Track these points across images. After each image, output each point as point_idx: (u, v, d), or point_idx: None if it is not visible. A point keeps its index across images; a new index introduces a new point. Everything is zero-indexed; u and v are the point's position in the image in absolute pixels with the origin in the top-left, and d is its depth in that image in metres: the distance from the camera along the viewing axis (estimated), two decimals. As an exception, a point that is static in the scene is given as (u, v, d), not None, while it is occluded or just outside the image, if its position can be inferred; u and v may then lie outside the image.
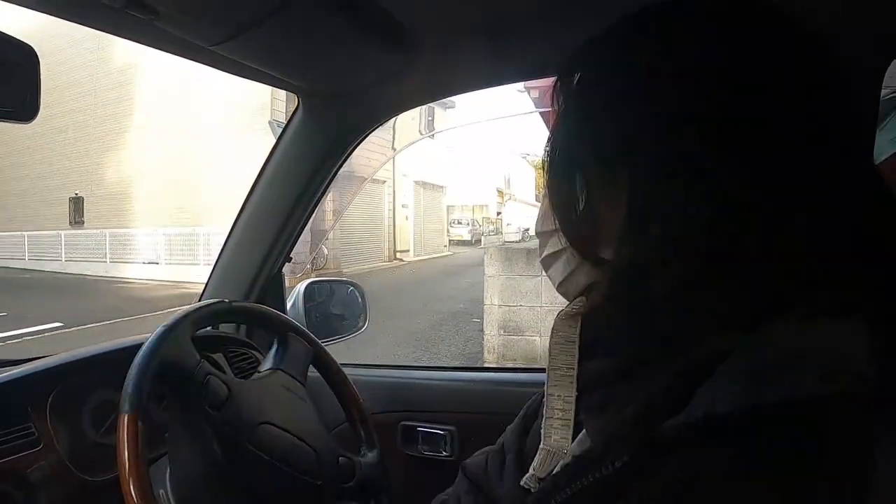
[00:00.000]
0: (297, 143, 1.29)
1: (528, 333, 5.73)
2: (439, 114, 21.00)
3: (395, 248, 19.65)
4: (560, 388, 0.52)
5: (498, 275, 5.76)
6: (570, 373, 0.52)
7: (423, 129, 19.22)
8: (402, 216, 20.03)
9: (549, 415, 0.53)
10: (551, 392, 0.53)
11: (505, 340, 5.77)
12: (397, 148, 16.29)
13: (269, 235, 1.33)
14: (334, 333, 1.49)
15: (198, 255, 14.53)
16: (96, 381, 1.02)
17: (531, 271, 5.65)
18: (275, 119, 13.80)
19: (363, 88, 1.17)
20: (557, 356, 0.52)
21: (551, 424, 0.53)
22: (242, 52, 0.96)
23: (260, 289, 1.36)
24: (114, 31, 0.91)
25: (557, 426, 0.53)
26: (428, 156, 20.79)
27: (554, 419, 0.53)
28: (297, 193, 1.29)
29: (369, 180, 16.71)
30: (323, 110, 1.25)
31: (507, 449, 0.70)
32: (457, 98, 20.28)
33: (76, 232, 17.18)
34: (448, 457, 1.24)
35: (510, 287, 5.73)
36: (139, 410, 0.81)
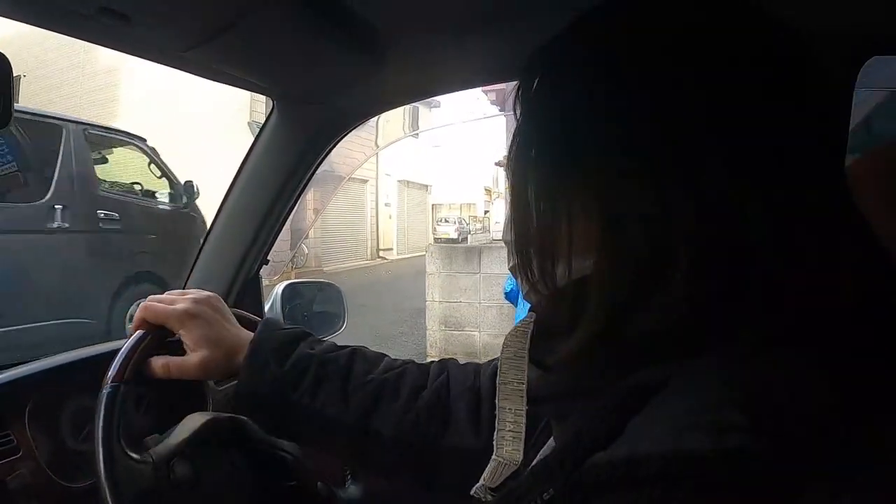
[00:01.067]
0: (272, 146, 1.29)
1: (468, 328, 5.97)
2: (424, 113, 20.99)
3: (378, 247, 19.63)
4: (510, 401, 0.52)
5: (438, 272, 5.98)
6: (521, 387, 0.51)
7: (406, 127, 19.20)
8: (385, 215, 20.01)
9: (500, 427, 0.53)
10: (503, 405, 0.53)
11: (446, 335, 6.01)
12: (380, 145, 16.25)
13: (245, 238, 1.33)
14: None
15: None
16: (74, 388, 1.02)
17: (470, 269, 5.87)
18: (254, 120, 13.93)
19: (336, 91, 1.17)
20: (508, 371, 0.52)
21: (503, 436, 0.53)
22: (214, 56, 0.97)
23: (238, 292, 1.36)
24: (87, 38, 0.91)
25: (509, 438, 0.53)
26: (412, 155, 20.78)
27: (505, 431, 0.53)
28: (272, 197, 1.29)
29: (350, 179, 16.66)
30: (297, 113, 1.25)
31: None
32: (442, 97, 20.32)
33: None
34: None
35: (450, 284, 5.96)
36: (123, 382, 0.83)
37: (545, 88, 0.49)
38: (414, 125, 20.07)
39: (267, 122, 1.27)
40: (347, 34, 0.96)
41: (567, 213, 0.45)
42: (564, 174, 0.45)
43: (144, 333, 0.88)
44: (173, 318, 0.87)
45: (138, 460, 0.82)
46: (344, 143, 1.33)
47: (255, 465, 0.92)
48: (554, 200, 0.46)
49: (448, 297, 5.98)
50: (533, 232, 0.47)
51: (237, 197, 1.32)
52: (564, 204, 0.45)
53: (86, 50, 15.73)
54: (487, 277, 5.87)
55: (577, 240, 0.44)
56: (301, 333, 0.89)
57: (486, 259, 5.98)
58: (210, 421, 0.91)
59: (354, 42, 0.98)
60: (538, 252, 0.47)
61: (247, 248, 1.33)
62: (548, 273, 0.47)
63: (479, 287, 5.88)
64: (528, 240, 0.48)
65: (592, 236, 0.43)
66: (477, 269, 5.89)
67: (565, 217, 0.45)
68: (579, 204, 0.44)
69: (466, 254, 6.05)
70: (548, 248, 0.46)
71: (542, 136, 0.48)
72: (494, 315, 5.90)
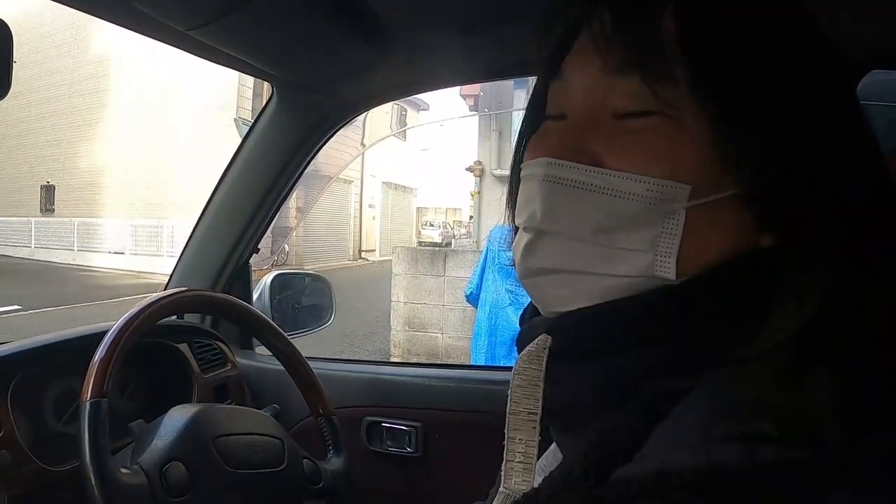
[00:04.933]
0: (269, 133, 1.28)
1: (431, 330, 6.02)
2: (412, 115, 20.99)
3: (360, 248, 19.59)
4: (522, 431, 0.48)
5: (404, 273, 6.03)
6: (533, 417, 0.47)
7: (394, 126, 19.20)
8: (368, 216, 19.98)
9: (510, 458, 0.49)
10: (512, 436, 0.49)
11: (409, 336, 6.06)
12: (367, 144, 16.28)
13: (238, 225, 1.32)
14: (300, 327, 1.49)
15: (162, 247, 14.76)
16: (58, 369, 1.01)
17: (435, 271, 5.92)
18: (240, 117, 14.05)
19: (337, 79, 1.17)
20: (520, 399, 0.48)
21: (512, 467, 0.49)
22: (218, 38, 0.95)
23: (227, 279, 1.34)
24: (91, 11, 0.90)
25: (518, 469, 0.49)
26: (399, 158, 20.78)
27: (515, 462, 0.49)
28: (268, 183, 1.28)
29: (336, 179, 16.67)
30: (297, 100, 1.24)
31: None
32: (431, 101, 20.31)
33: (46, 219, 17.31)
34: (413, 453, 1.24)
35: (415, 286, 6.01)
36: (103, 396, 0.81)
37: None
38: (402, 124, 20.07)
39: (265, 108, 1.26)
40: (352, 23, 0.95)
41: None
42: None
43: (117, 337, 0.87)
44: None
45: (130, 474, 0.81)
46: (330, 143, 1.32)
47: (246, 454, 0.91)
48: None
49: (413, 299, 6.02)
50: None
51: (232, 182, 1.31)
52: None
53: (77, 39, 15.72)
54: (452, 281, 5.89)
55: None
56: None
57: (451, 262, 6.01)
58: (196, 415, 0.90)
59: (359, 31, 0.98)
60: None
61: (239, 234, 1.32)
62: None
63: (444, 290, 5.92)
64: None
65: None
66: (442, 272, 5.93)
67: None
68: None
69: (432, 257, 6.09)
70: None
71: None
72: (457, 318, 5.92)
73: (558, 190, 0.44)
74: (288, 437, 1.00)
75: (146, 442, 0.86)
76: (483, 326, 4.89)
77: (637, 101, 0.42)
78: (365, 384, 1.32)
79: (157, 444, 0.85)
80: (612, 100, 0.44)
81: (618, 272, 0.43)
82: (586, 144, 0.44)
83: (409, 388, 1.29)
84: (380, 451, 1.27)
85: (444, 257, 6.03)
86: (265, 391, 1.32)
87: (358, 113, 1.28)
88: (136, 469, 0.81)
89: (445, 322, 5.98)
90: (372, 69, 1.12)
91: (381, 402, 1.28)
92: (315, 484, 1.00)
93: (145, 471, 0.81)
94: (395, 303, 6.18)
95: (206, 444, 0.88)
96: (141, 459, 0.83)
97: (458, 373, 1.35)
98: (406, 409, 1.26)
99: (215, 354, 1.26)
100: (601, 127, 0.44)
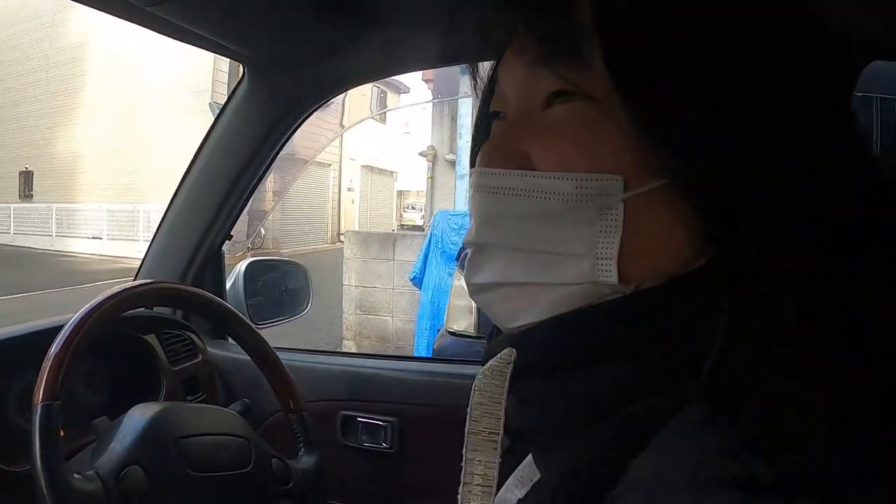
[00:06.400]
0: (241, 115, 1.23)
1: (382, 313, 6.10)
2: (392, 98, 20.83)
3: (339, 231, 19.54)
4: (481, 453, 0.45)
5: (355, 257, 6.08)
6: (494, 438, 0.44)
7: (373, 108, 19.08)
8: (347, 199, 19.90)
9: (467, 480, 0.46)
10: (470, 457, 0.46)
11: (361, 319, 6.13)
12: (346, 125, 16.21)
13: (209, 211, 1.27)
14: (276, 315, 1.45)
15: (138, 232, 14.81)
16: (21, 364, 0.96)
17: (385, 255, 5.98)
18: (215, 101, 14.06)
19: (312, 60, 1.12)
20: (480, 418, 0.45)
21: (470, 491, 0.46)
22: (182, 14, 0.91)
23: (198, 267, 1.30)
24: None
25: (477, 493, 0.46)
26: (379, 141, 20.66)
27: (473, 485, 0.46)
28: (239, 166, 1.23)
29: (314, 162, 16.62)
30: (269, 81, 1.19)
31: None
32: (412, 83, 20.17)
33: (25, 205, 17.38)
34: (388, 448, 1.21)
35: (366, 269, 6.07)
36: (55, 399, 0.77)
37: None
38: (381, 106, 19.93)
39: (236, 90, 1.21)
40: (328, 2, 0.91)
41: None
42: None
43: (72, 333, 0.83)
44: None
45: (84, 480, 0.77)
46: (307, 125, 1.28)
47: (210, 455, 0.88)
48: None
49: (363, 283, 6.07)
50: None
51: (202, 166, 1.26)
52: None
53: (54, 24, 15.94)
54: (401, 265, 5.93)
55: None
56: None
57: (401, 247, 6.05)
58: (157, 416, 0.86)
59: (332, 10, 0.94)
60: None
61: (210, 220, 1.27)
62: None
63: (393, 273, 5.98)
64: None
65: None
66: (391, 256, 5.98)
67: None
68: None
69: (381, 241, 6.13)
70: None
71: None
72: (407, 301, 5.95)
73: (490, 199, 0.42)
74: (255, 435, 0.97)
75: (106, 442, 0.83)
76: (426, 309, 4.96)
77: (559, 83, 0.40)
78: (340, 377, 1.29)
79: (115, 447, 0.81)
80: (537, 91, 0.41)
81: (560, 280, 0.40)
82: (519, 144, 0.42)
83: (385, 382, 1.26)
84: (355, 445, 1.24)
85: (393, 241, 6.08)
86: (237, 383, 1.29)
87: (333, 95, 1.24)
88: (90, 475, 0.77)
89: (395, 305, 6.07)
90: (347, 49, 1.08)
91: (356, 395, 1.26)
92: (284, 484, 0.97)
93: (101, 476, 0.78)
94: (346, 286, 6.24)
95: (168, 447, 0.84)
96: (98, 464, 0.79)
97: (436, 367, 1.33)
98: (382, 404, 1.23)
99: (185, 345, 1.23)
100: (531, 122, 0.42)
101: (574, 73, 0.39)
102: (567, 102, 0.40)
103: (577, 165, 0.39)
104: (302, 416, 1.05)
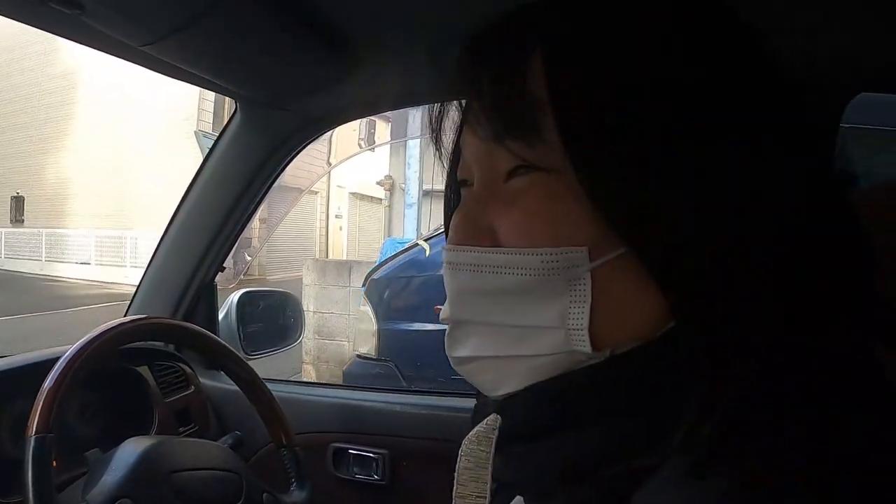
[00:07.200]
0: (234, 149, 1.25)
1: (339, 339, 6.13)
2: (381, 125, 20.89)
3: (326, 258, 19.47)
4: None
5: (313, 284, 6.15)
6: (481, 502, 0.44)
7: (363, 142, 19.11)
8: (335, 226, 19.86)
9: None
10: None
11: (319, 344, 6.17)
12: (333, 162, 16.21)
13: (202, 244, 1.28)
14: (268, 345, 1.46)
15: (125, 258, 14.95)
16: (14, 394, 0.97)
17: (341, 282, 6.08)
18: (201, 130, 14.22)
19: (301, 96, 1.14)
20: (467, 483, 0.45)
21: None
22: (175, 54, 0.93)
23: (191, 300, 1.31)
24: (39, 25, 0.86)
25: None
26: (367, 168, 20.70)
27: None
28: (232, 201, 1.25)
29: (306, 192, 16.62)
30: (261, 117, 1.22)
31: None
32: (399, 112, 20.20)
33: (16, 230, 17.50)
34: (380, 480, 1.22)
35: (324, 296, 6.14)
36: (49, 431, 0.78)
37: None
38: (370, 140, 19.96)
39: (229, 124, 1.24)
40: (316, 39, 0.93)
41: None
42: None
43: (66, 367, 0.84)
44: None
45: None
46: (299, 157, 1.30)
47: (201, 490, 0.88)
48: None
49: (321, 308, 6.12)
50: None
51: (195, 200, 1.28)
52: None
53: (45, 52, 15.97)
54: (357, 291, 5.92)
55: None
56: None
57: (357, 273, 6.07)
58: (149, 450, 0.87)
59: (323, 48, 0.96)
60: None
61: (202, 253, 1.29)
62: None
63: (349, 300, 6.02)
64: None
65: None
66: (347, 283, 6.03)
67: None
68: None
69: (338, 268, 6.25)
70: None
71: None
72: None
73: (461, 276, 0.43)
74: (247, 470, 0.97)
75: (97, 475, 0.83)
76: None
77: (516, 160, 0.41)
78: (331, 409, 1.30)
79: (107, 479, 0.82)
80: (497, 165, 0.42)
81: (536, 351, 0.40)
82: (485, 218, 0.43)
83: (376, 414, 1.26)
84: (347, 477, 1.24)
85: (349, 268, 6.16)
86: (230, 414, 1.29)
87: (323, 131, 1.26)
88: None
89: (353, 331, 6.12)
90: (338, 86, 1.10)
91: (347, 427, 1.26)
92: None
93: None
94: (305, 312, 6.25)
95: (158, 481, 0.85)
96: (90, 496, 0.80)
97: (427, 399, 1.33)
98: (373, 436, 1.24)
99: (178, 377, 1.23)
100: (495, 195, 0.42)
101: (529, 151, 0.39)
102: (527, 175, 0.40)
103: (542, 239, 0.39)
104: (294, 451, 1.06)
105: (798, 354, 0.35)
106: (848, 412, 0.34)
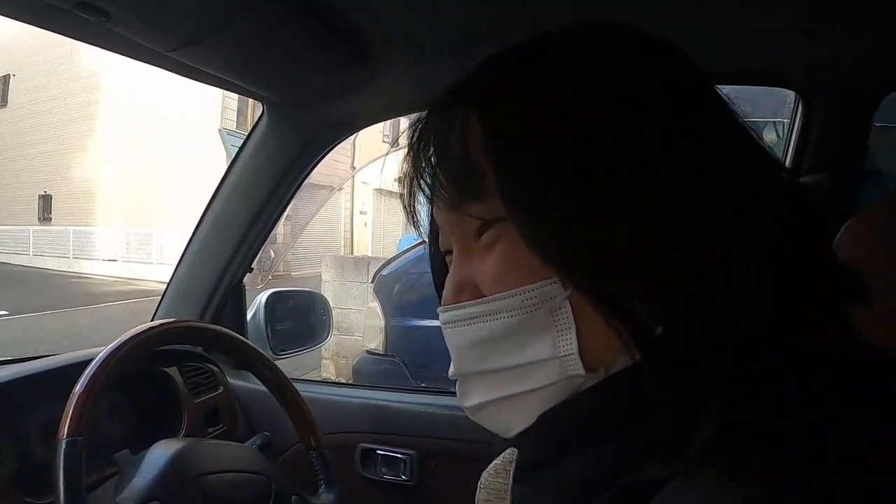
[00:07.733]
0: (260, 152, 1.26)
1: (357, 334, 6.10)
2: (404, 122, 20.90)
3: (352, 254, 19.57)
4: None
5: (332, 280, 6.24)
6: None
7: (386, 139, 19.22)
8: (360, 223, 19.96)
9: None
10: None
11: (338, 339, 6.17)
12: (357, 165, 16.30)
13: (230, 245, 1.29)
14: (297, 345, 1.47)
15: (151, 255, 15.18)
16: (45, 397, 0.98)
17: (360, 278, 6.15)
18: (224, 128, 14.38)
19: (328, 100, 1.15)
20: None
21: None
22: (201, 59, 0.93)
23: (218, 301, 1.32)
24: (65, 33, 0.87)
25: None
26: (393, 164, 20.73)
27: None
28: (259, 203, 1.26)
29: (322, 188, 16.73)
30: (287, 120, 1.22)
31: None
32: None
33: (44, 228, 17.77)
34: (407, 481, 1.22)
35: (343, 292, 6.20)
36: (79, 434, 0.79)
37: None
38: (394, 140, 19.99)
39: (256, 127, 1.24)
40: (341, 43, 0.94)
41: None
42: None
43: (98, 371, 0.85)
44: None
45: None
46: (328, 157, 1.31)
47: (230, 492, 0.89)
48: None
49: (340, 304, 6.11)
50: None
51: (222, 202, 1.29)
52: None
53: (70, 53, 16.21)
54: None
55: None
56: None
57: (374, 269, 6.13)
58: (179, 452, 0.87)
59: (348, 52, 0.96)
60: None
61: (230, 256, 1.30)
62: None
63: (368, 295, 6.06)
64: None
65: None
66: (366, 279, 6.02)
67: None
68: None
69: (356, 264, 6.31)
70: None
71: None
72: None
73: (457, 333, 0.45)
74: (276, 471, 0.97)
75: (128, 477, 0.84)
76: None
77: (477, 220, 0.43)
78: (360, 409, 1.30)
79: (137, 482, 0.82)
80: (465, 228, 0.45)
81: (537, 385, 0.42)
82: (466, 276, 0.46)
83: (404, 415, 1.26)
84: (374, 478, 1.24)
85: (367, 265, 6.20)
86: (258, 414, 1.30)
87: (349, 134, 1.26)
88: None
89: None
90: (362, 90, 1.10)
91: (375, 428, 1.26)
92: None
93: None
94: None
95: (188, 484, 0.85)
96: (120, 498, 0.80)
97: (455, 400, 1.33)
98: (401, 437, 1.24)
99: (206, 377, 1.24)
100: (470, 253, 0.45)
101: (485, 208, 0.42)
102: (492, 227, 0.43)
103: (517, 280, 0.42)
104: (323, 453, 1.06)
105: (798, 354, 0.36)
106: (848, 412, 0.34)
